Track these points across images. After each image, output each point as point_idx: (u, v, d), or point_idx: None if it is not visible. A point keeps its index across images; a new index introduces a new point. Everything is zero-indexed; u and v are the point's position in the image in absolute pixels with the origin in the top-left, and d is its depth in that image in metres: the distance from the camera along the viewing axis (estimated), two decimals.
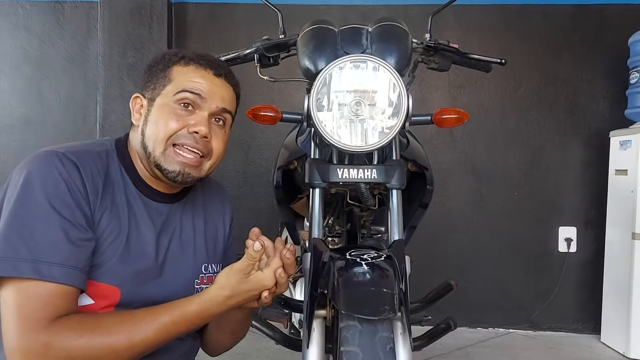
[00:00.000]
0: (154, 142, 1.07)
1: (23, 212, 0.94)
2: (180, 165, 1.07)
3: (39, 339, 0.90)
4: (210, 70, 1.11)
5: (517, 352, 2.76)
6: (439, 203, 3.09)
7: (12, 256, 0.91)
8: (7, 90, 3.28)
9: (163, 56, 1.14)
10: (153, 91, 1.11)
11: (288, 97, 3.03)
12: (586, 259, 3.08)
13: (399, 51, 1.19)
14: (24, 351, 0.89)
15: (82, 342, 0.92)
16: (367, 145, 1.12)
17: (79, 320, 0.94)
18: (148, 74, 1.14)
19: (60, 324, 0.91)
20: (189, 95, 1.08)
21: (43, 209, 0.94)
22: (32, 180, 0.96)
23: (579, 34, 3.06)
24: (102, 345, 0.93)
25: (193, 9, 3.21)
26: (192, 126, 1.07)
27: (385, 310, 0.93)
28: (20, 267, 0.91)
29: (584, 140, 3.08)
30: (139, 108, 1.12)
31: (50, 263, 0.92)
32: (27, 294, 0.91)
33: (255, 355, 2.62)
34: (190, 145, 1.07)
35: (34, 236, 0.93)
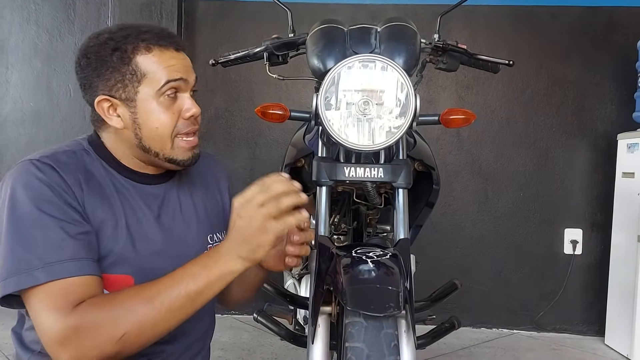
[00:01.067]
0: (160, 142, 1.07)
1: (18, 226, 0.95)
2: (189, 151, 1.11)
3: (68, 324, 0.92)
4: (171, 47, 1.08)
5: (520, 353, 2.76)
6: (445, 203, 3.09)
7: (25, 268, 0.93)
8: (17, 84, 3.30)
9: (115, 47, 1.05)
10: (124, 90, 1.05)
11: (296, 96, 3.04)
12: (591, 261, 3.08)
13: (407, 51, 1.19)
14: (59, 340, 0.92)
15: (105, 316, 0.93)
16: (374, 145, 1.13)
17: (101, 298, 0.96)
18: (102, 68, 1.05)
19: (84, 306, 0.93)
20: (173, 84, 1.06)
21: (35, 216, 0.95)
22: (15, 194, 0.97)
23: (588, 35, 3.06)
24: (125, 317, 0.93)
25: (203, 6, 3.23)
26: (185, 112, 1.08)
27: (390, 307, 0.94)
28: (36, 275, 0.93)
29: (591, 143, 3.08)
30: (109, 111, 1.07)
31: (60, 262, 0.94)
32: (49, 294, 0.93)
33: (260, 351, 2.63)
34: (192, 130, 1.10)
35: (37, 243, 0.94)
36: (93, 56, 1.06)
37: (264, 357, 2.55)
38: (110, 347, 0.92)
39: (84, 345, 0.92)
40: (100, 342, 0.92)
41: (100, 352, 0.92)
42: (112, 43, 1.05)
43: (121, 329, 0.92)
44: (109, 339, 0.92)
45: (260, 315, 1.32)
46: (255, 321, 1.33)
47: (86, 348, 0.92)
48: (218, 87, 3.12)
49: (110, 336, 0.92)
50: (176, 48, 1.08)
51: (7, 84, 3.30)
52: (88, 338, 0.92)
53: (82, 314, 0.93)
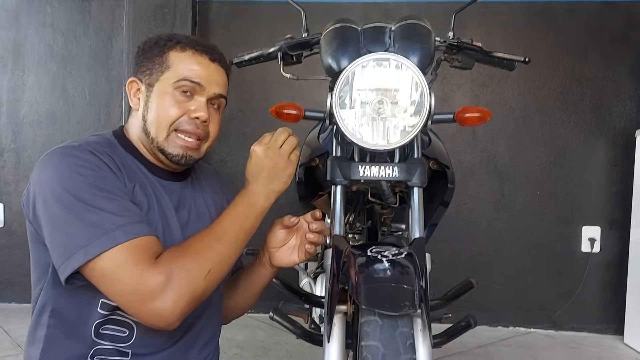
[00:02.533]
0: (156, 129, 1.14)
1: (79, 200, 0.98)
2: (182, 149, 1.15)
3: (158, 271, 0.97)
4: (206, 56, 1.16)
5: (538, 351, 2.74)
6: (461, 202, 3.08)
7: (101, 232, 0.97)
8: (33, 86, 3.35)
9: (157, 40, 1.17)
10: (150, 76, 1.15)
11: (310, 95, 3.04)
12: (610, 259, 3.04)
13: (421, 49, 1.19)
14: (153, 289, 0.97)
15: (190, 258, 1.01)
16: (389, 144, 1.12)
17: (179, 246, 1.05)
18: (142, 57, 1.17)
19: (166, 255, 1.01)
20: (188, 84, 1.13)
21: (93, 190, 1.00)
22: (63, 174, 1.00)
23: (605, 32, 3.02)
24: (207, 255, 1.04)
25: (216, 7, 3.24)
26: (192, 112, 1.14)
27: (405, 306, 0.94)
28: (114, 236, 0.97)
29: (609, 140, 3.04)
30: (135, 92, 1.17)
31: (132, 223, 1.00)
32: (130, 252, 0.97)
33: (275, 349, 2.64)
34: (191, 131, 1.15)
35: (105, 210, 0.99)
36: (141, 49, 1.19)
37: (279, 355, 2.56)
38: (201, 284, 1.01)
39: (179, 287, 0.97)
40: (192, 280, 0.99)
41: (193, 291, 0.99)
42: (157, 38, 1.18)
43: (207, 266, 1.02)
44: (199, 276, 1.01)
45: (276, 314, 1.33)
46: (270, 319, 1.34)
47: (181, 288, 0.98)
48: (232, 88, 3.09)
49: (200, 273, 1.01)
50: (211, 58, 1.17)
51: (23, 86, 3.35)
52: (181, 279, 0.98)
53: (167, 261, 0.99)
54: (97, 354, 1.09)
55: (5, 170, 3.36)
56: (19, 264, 3.29)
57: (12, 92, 3.35)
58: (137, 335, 1.11)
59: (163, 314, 0.97)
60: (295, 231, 1.27)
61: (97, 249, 0.96)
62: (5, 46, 3.36)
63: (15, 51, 3.35)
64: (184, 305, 0.98)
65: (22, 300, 3.29)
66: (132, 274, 0.96)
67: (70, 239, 0.97)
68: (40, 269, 1.11)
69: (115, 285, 0.97)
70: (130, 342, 1.11)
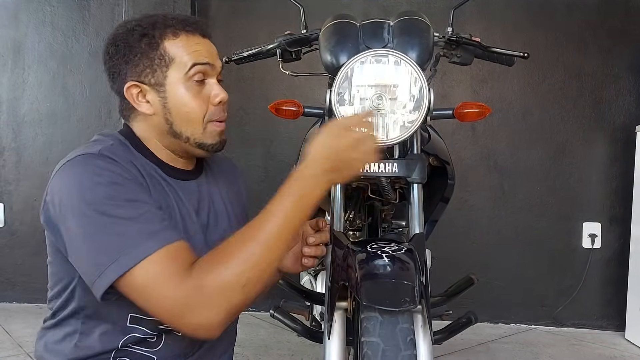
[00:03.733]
0: (191, 127, 1.09)
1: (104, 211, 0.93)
2: (219, 136, 1.13)
3: (191, 285, 0.91)
4: (197, 33, 1.10)
5: (539, 348, 2.74)
6: (461, 198, 3.08)
7: (130, 244, 0.92)
8: (33, 85, 3.34)
9: (142, 32, 1.07)
10: (153, 75, 1.07)
11: (309, 92, 3.04)
12: (611, 255, 3.04)
13: (420, 45, 1.19)
14: (187, 303, 0.91)
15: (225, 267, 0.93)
16: (388, 140, 1.13)
17: (211, 254, 0.96)
18: (131, 54, 1.07)
19: (199, 265, 0.94)
20: (200, 68, 1.08)
21: (119, 198, 0.95)
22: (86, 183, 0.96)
23: (605, 27, 3.01)
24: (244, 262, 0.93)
25: (215, 4, 3.24)
26: (213, 97, 1.10)
27: (405, 302, 0.94)
28: (144, 247, 0.92)
29: (609, 135, 3.04)
30: (137, 96, 1.09)
31: (162, 230, 0.96)
32: (161, 262, 0.92)
33: (277, 347, 2.64)
34: (222, 117, 1.13)
35: (131, 219, 0.94)
36: (121, 43, 1.08)
37: (280, 354, 2.56)
38: (238, 296, 0.93)
39: (214, 302, 0.91)
40: (228, 293, 0.92)
41: (230, 305, 0.92)
42: (140, 29, 1.07)
43: (244, 275, 0.93)
44: (235, 287, 0.92)
45: (277, 312, 1.33)
46: (271, 317, 1.34)
47: (216, 303, 0.91)
48: (232, 85, 3.13)
49: (236, 285, 0.92)
50: (202, 34, 1.11)
51: (23, 85, 3.35)
52: (215, 293, 0.91)
53: (200, 272, 0.93)
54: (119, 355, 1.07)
55: (6, 169, 3.36)
56: (20, 264, 3.30)
57: (12, 91, 3.35)
58: (164, 343, 1.09)
59: (202, 327, 0.92)
60: (299, 238, 1.20)
61: (129, 263, 0.91)
62: (5, 44, 3.35)
63: (15, 49, 3.35)
64: (222, 318, 0.93)
65: (23, 300, 3.29)
66: (166, 287, 0.91)
67: (99, 255, 0.93)
68: (65, 280, 1.08)
69: (151, 300, 0.93)
70: (157, 348, 1.09)
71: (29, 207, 3.32)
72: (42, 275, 1.16)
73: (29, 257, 3.29)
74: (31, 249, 3.27)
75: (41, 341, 1.15)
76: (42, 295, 1.18)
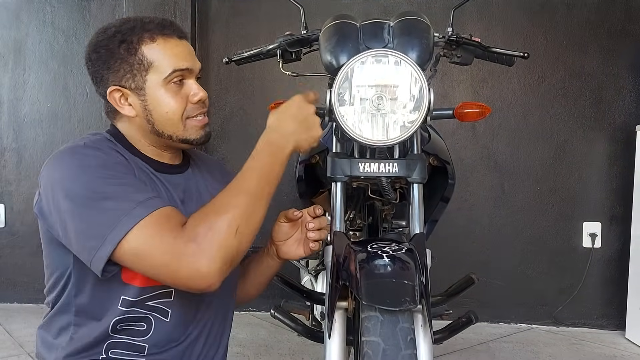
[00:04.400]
0: (171, 126, 1.14)
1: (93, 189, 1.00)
2: (201, 130, 1.18)
3: (184, 238, 0.97)
4: (174, 36, 1.14)
5: (539, 347, 2.74)
6: (461, 198, 3.08)
7: (121, 214, 0.97)
8: (34, 85, 3.35)
9: (121, 39, 1.11)
10: (134, 80, 1.11)
11: None
12: (611, 255, 3.04)
13: (420, 45, 1.19)
14: (180, 254, 0.96)
15: (215, 219, 0.99)
16: (389, 140, 1.13)
17: (201, 210, 1.02)
18: (111, 59, 1.11)
19: (190, 220, 1.01)
20: (179, 73, 1.13)
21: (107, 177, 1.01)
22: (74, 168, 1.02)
23: (605, 26, 3.02)
24: (233, 212, 1.00)
25: (216, 5, 3.24)
26: (192, 97, 1.15)
27: (406, 301, 0.94)
28: (135, 214, 0.98)
29: (609, 135, 3.04)
30: (120, 99, 1.13)
31: (149, 198, 1.01)
32: (153, 225, 0.98)
33: (277, 347, 2.64)
34: (200, 112, 1.17)
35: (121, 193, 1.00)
36: (102, 50, 1.12)
37: (281, 353, 2.56)
38: (232, 241, 0.99)
39: (208, 249, 0.96)
40: (222, 240, 0.97)
41: (225, 250, 0.98)
42: (119, 36, 1.12)
43: (234, 223, 0.99)
44: (228, 234, 0.98)
45: (278, 312, 1.33)
46: (272, 317, 1.34)
47: (212, 250, 0.96)
48: (232, 85, 3.13)
49: (228, 231, 0.98)
50: (179, 36, 1.15)
51: (24, 85, 3.35)
52: (209, 241, 0.97)
53: (193, 225, 0.99)
54: (111, 348, 1.10)
55: (7, 169, 3.37)
56: (21, 264, 3.30)
57: (13, 91, 3.36)
58: (154, 329, 1.12)
59: (200, 277, 0.96)
60: (299, 224, 1.27)
61: (122, 231, 0.96)
62: (6, 45, 3.36)
63: (16, 50, 3.36)
64: (219, 266, 0.97)
65: (24, 300, 3.30)
66: (160, 245, 0.96)
67: (93, 231, 0.98)
68: (58, 271, 1.11)
69: (148, 261, 0.98)
70: (147, 336, 1.12)
71: (30, 207, 3.31)
72: (42, 276, 1.17)
73: (29, 257, 3.29)
74: (32, 249, 3.28)
75: (39, 338, 1.18)
76: (43, 296, 1.19)
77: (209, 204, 1.03)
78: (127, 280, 1.07)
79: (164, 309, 1.13)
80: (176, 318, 1.15)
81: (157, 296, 1.11)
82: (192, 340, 1.19)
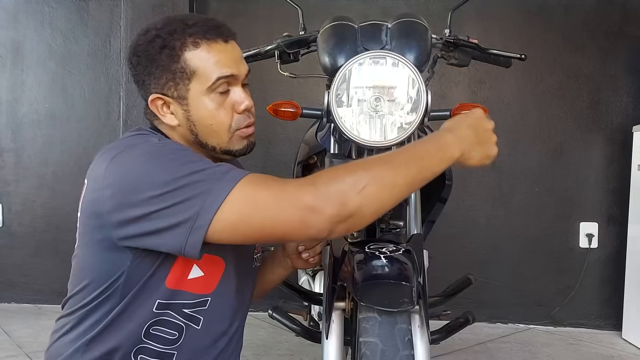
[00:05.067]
0: (217, 138, 1.10)
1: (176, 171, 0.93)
2: (246, 140, 1.14)
3: (299, 184, 0.92)
4: (219, 39, 1.07)
5: (537, 347, 2.75)
6: (459, 199, 3.08)
7: (210, 186, 0.91)
8: (32, 86, 3.35)
9: (163, 44, 1.05)
10: (176, 88, 1.06)
11: (308, 93, 3.04)
12: (608, 255, 3.05)
13: (418, 47, 1.19)
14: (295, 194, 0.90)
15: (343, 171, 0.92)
16: (386, 141, 1.13)
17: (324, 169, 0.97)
18: (153, 66, 1.06)
19: (311, 175, 0.94)
20: (224, 81, 1.07)
21: (179, 161, 0.95)
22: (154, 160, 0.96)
23: (602, 28, 3.02)
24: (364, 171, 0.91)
25: (214, 5, 3.24)
26: (238, 105, 1.09)
27: (403, 302, 0.95)
28: (225, 181, 0.92)
29: (606, 136, 3.05)
30: (162, 107, 1.09)
31: (232, 169, 0.95)
32: (249, 184, 0.92)
33: (276, 347, 2.65)
34: (248, 123, 1.12)
35: (200, 170, 0.94)
36: (142, 54, 1.07)
37: (280, 354, 2.57)
38: (354, 197, 0.89)
39: (326, 192, 0.89)
40: (343, 189, 0.89)
41: (344, 200, 0.88)
42: (160, 41, 1.05)
43: (362, 181, 0.89)
44: (352, 188, 0.89)
45: (276, 312, 1.33)
46: (270, 318, 1.34)
47: (329, 194, 0.89)
48: None
49: (353, 186, 0.89)
50: (225, 39, 1.08)
51: (22, 86, 3.35)
52: (329, 186, 0.89)
53: (315, 175, 0.92)
54: (140, 353, 1.06)
55: (5, 170, 3.36)
56: (19, 265, 3.30)
57: (12, 92, 3.35)
58: (185, 337, 1.09)
59: (312, 218, 0.89)
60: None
61: (217, 201, 0.90)
62: (4, 45, 3.36)
63: (14, 50, 3.35)
64: (334, 214, 0.88)
65: (23, 300, 3.29)
66: (268, 194, 0.91)
67: (182, 213, 0.91)
68: (105, 275, 1.04)
69: (255, 217, 0.91)
70: (177, 344, 1.08)
71: (28, 208, 3.33)
72: (41, 276, 1.17)
73: (28, 257, 3.28)
74: (30, 249, 3.27)
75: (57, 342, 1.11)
76: (42, 296, 1.18)
77: (348, 162, 0.96)
78: (170, 285, 1.04)
79: (198, 316, 1.10)
80: (206, 326, 1.11)
81: (193, 305, 1.08)
82: (220, 352, 1.16)
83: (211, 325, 1.12)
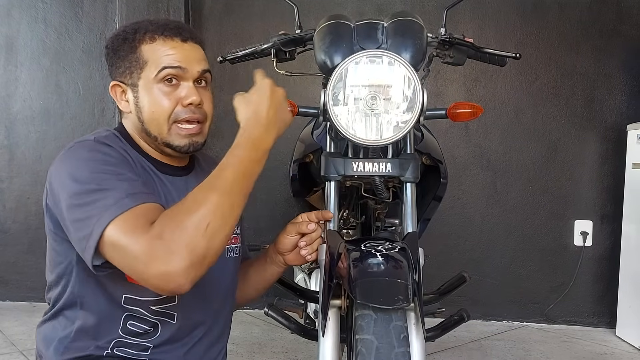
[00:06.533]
0: (157, 126, 1.14)
1: (90, 183, 1.00)
2: (187, 138, 1.15)
3: (151, 235, 0.93)
4: (177, 38, 1.15)
5: (531, 345, 2.77)
6: (454, 197, 3.09)
7: (112, 202, 0.96)
8: (26, 82, 3.33)
9: (125, 36, 1.16)
10: (131, 76, 1.14)
11: (304, 92, 3.04)
12: (602, 253, 3.07)
13: (414, 46, 1.19)
14: (148, 253, 0.92)
15: (184, 215, 0.94)
16: (382, 139, 1.13)
17: (173, 207, 0.98)
18: (115, 57, 1.17)
19: (159, 219, 0.96)
20: (170, 71, 1.12)
21: (104, 173, 1.01)
22: (80, 161, 1.03)
23: (597, 26, 3.04)
24: (203, 209, 0.94)
25: (210, 3, 3.23)
26: (184, 99, 1.14)
27: (399, 300, 0.95)
28: (123, 203, 0.96)
29: (600, 134, 3.06)
30: (121, 95, 1.17)
31: (139, 192, 1.00)
32: (126, 220, 0.95)
33: (271, 345, 2.65)
34: (190, 118, 1.15)
35: (115, 188, 0.99)
36: (110, 47, 1.18)
37: (275, 351, 2.57)
38: (200, 240, 0.92)
39: (177, 247, 0.91)
40: (189, 238, 0.91)
41: (192, 251, 0.91)
42: (123, 34, 1.16)
43: (204, 221, 0.93)
44: (195, 233, 0.92)
45: (271, 310, 1.33)
46: (266, 315, 1.35)
47: (179, 248, 0.91)
48: (226, 84, 3.13)
49: (196, 230, 0.92)
50: (183, 39, 1.15)
51: (16, 82, 3.33)
52: (175, 239, 0.91)
53: (161, 223, 0.94)
54: (117, 346, 1.11)
55: None
56: (13, 262, 3.28)
57: (5, 88, 3.34)
58: (161, 331, 1.14)
59: (168, 276, 0.91)
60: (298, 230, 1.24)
61: (104, 223, 0.95)
62: None
63: (7, 46, 3.33)
64: (186, 264, 0.91)
65: (17, 298, 3.28)
66: (129, 241, 0.93)
67: (85, 224, 0.97)
68: (63, 266, 1.12)
69: (121, 256, 0.95)
70: (153, 337, 1.13)
71: (22, 205, 3.32)
72: (35, 273, 1.18)
73: (22, 255, 3.27)
74: (24, 247, 3.26)
75: (40, 335, 1.18)
76: (36, 294, 1.20)
77: (180, 201, 0.98)
78: (131, 279, 1.06)
79: (170, 312, 1.14)
80: (182, 320, 1.15)
81: (161, 301, 1.11)
82: (196, 341, 1.19)
83: (186, 317, 1.16)
